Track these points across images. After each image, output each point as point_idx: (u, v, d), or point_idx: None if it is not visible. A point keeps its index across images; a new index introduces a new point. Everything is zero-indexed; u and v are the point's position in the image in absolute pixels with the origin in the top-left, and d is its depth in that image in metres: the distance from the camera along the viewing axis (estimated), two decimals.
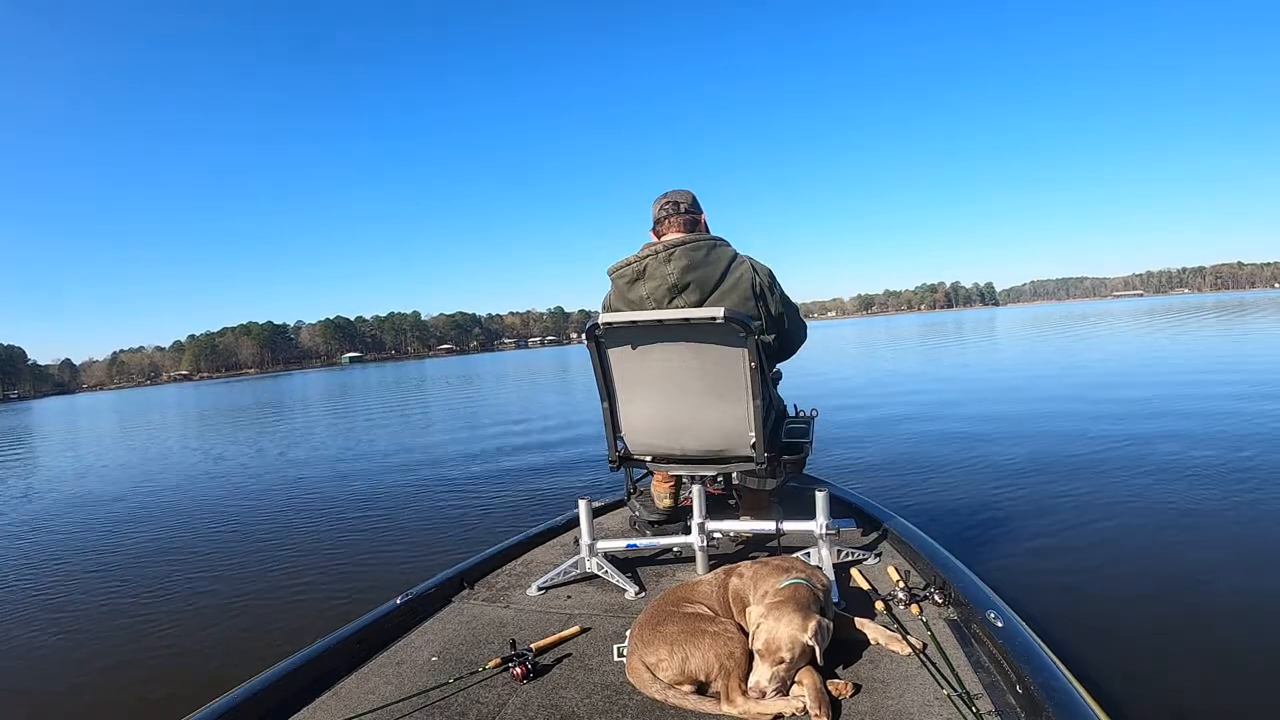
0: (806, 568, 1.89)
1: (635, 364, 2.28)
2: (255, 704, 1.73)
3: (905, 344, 29.88)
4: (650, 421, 2.35)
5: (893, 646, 1.79)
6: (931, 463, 5.98)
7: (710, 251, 2.34)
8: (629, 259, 2.40)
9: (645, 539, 2.59)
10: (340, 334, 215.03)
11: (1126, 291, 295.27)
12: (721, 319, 2.06)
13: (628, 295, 2.40)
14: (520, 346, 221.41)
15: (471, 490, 6.56)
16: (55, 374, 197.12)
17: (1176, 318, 35.51)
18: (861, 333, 55.86)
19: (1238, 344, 16.39)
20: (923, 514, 4.33)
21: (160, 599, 4.24)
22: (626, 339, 2.24)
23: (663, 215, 2.47)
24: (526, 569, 2.67)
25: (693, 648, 1.66)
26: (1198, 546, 3.57)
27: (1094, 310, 76.66)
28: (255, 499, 7.20)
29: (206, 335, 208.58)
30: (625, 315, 2.22)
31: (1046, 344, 22.28)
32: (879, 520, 2.75)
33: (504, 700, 1.72)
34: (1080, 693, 1.52)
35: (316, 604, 3.89)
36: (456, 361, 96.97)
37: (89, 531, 6.43)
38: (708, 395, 2.24)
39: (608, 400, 2.35)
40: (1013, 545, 3.80)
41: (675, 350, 2.20)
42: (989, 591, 2.02)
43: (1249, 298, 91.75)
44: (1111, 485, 4.76)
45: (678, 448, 2.36)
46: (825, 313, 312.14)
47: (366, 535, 5.29)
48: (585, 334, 2.24)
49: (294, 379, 76.82)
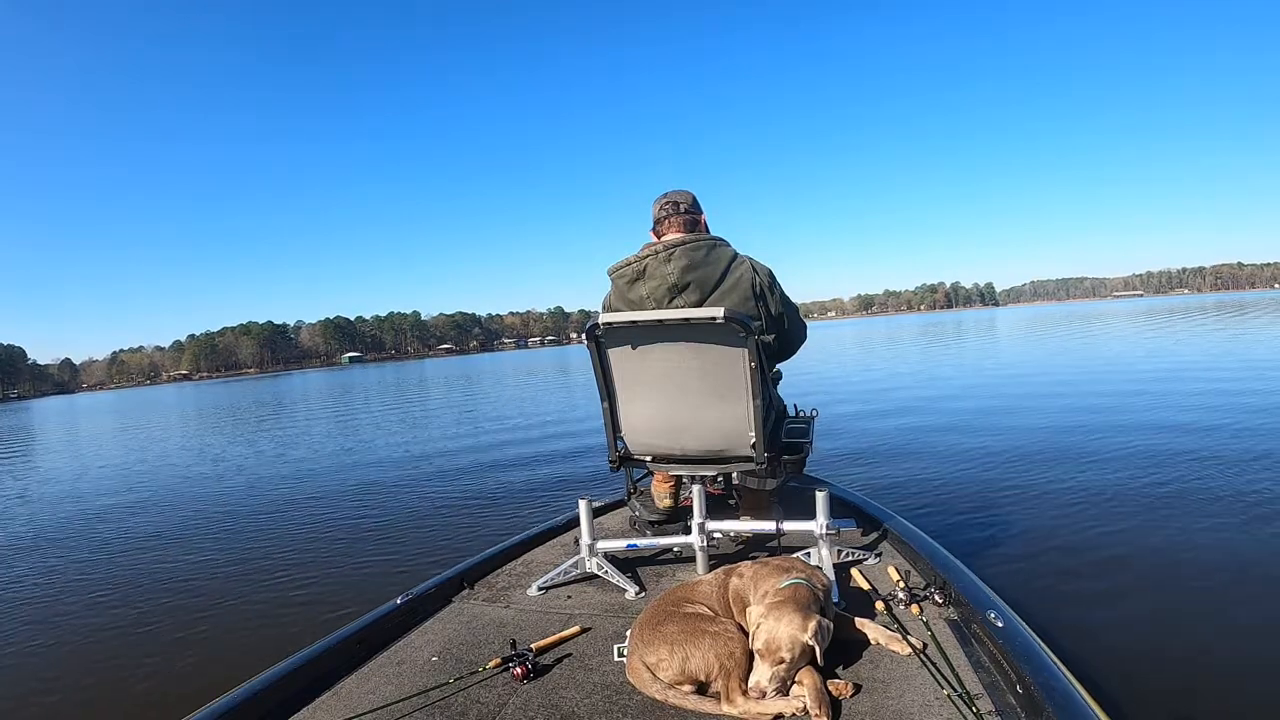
0: (806, 568, 1.89)
1: (635, 364, 2.27)
2: (255, 704, 1.73)
3: (905, 344, 29.87)
4: (650, 421, 2.35)
5: (893, 646, 1.79)
6: (932, 462, 5.98)
7: (710, 251, 2.34)
8: (629, 259, 2.40)
9: (645, 539, 2.59)
10: (340, 334, 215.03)
11: (1126, 292, 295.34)
12: (722, 319, 2.06)
13: (628, 295, 2.40)
14: (520, 346, 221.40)
15: (471, 490, 6.56)
16: (55, 373, 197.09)
17: (1177, 318, 35.51)
18: (861, 333, 55.85)
19: (1242, 344, 16.38)
20: (923, 514, 4.34)
21: (159, 599, 4.24)
22: (626, 339, 2.24)
23: (663, 215, 2.47)
24: (526, 569, 2.67)
25: (693, 648, 1.66)
26: (1199, 547, 3.57)
27: (1094, 310, 76.68)
28: (255, 499, 7.20)
29: (206, 335, 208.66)
30: (625, 315, 2.21)
31: (1046, 344, 22.28)
32: (879, 520, 2.76)
33: (504, 700, 1.72)
34: (1080, 693, 1.52)
35: (316, 604, 3.89)
36: (456, 361, 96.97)
37: (89, 531, 6.43)
38: (708, 395, 2.24)
39: (608, 400, 2.35)
40: (1013, 545, 3.80)
41: (675, 350, 2.20)
42: (989, 591, 2.02)
43: (1249, 298, 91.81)
44: (1112, 485, 4.76)
45: (678, 448, 2.36)
46: (825, 313, 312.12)
47: (366, 535, 5.29)
48: (585, 334, 2.23)
49: (294, 379, 76.83)
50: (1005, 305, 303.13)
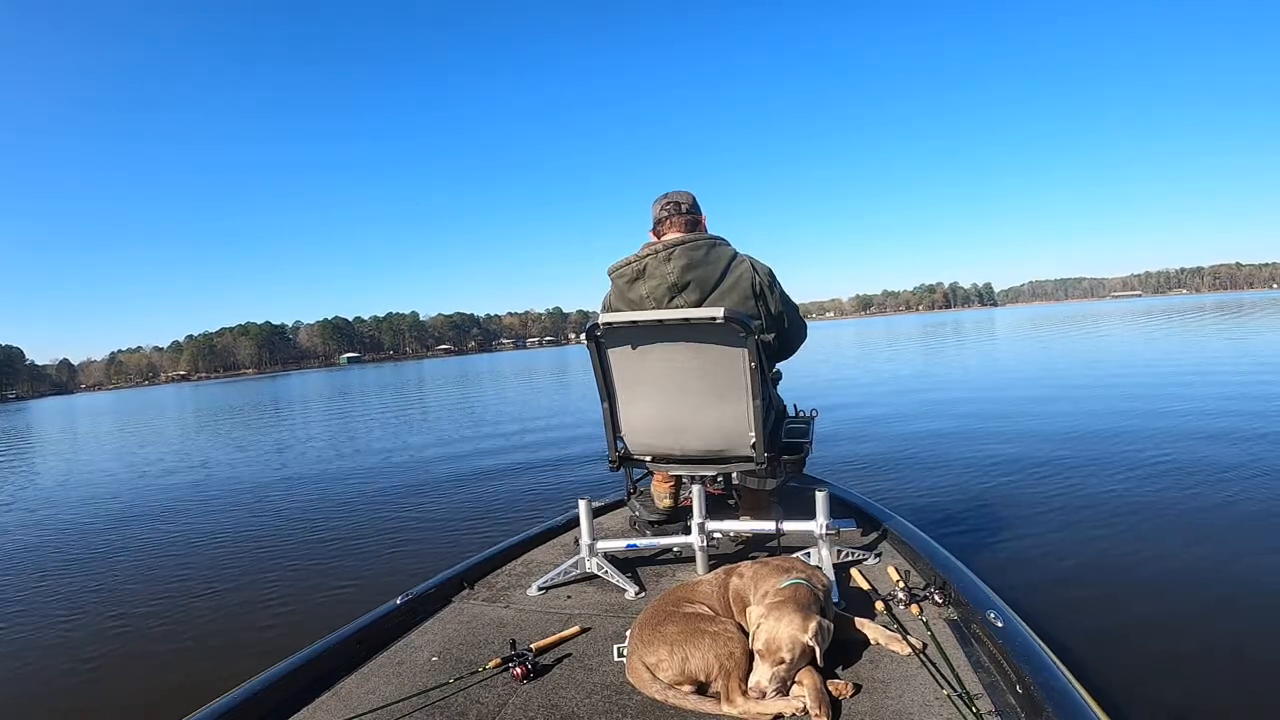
0: (807, 568, 1.89)
1: (635, 364, 2.28)
2: (255, 704, 1.73)
3: (905, 344, 29.88)
4: (650, 421, 2.35)
5: (893, 646, 1.80)
6: (932, 462, 5.99)
7: (710, 250, 2.34)
8: (629, 258, 2.40)
9: (645, 539, 2.59)
10: (338, 334, 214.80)
11: (1125, 292, 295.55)
12: (722, 319, 2.06)
13: (628, 295, 2.40)
14: (518, 347, 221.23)
15: (471, 490, 6.56)
16: (53, 374, 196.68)
17: (1176, 318, 35.54)
18: (860, 333, 55.87)
19: (1244, 344, 16.39)
20: (923, 514, 4.33)
21: (159, 599, 4.23)
22: (627, 339, 2.24)
23: (664, 215, 2.47)
24: (526, 569, 2.67)
25: (693, 648, 1.66)
26: (1199, 547, 3.57)
27: (1093, 311, 76.72)
28: (254, 500, 7.19)
29: (205, 335, 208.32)
30: (625, 315, 2.22)
31: (1046, 345, 22.30)
32: (879, 520, 2.76)
33: (504, 700, 1.72)
34: (1080, 693, 1.52)
35: (317, 604, 3.89)
36: (454, 362, 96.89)
37: (88, 532, 6.42)
38: (708, 395, 2.24)
39: (608, 401, 2.35)
40: (1013, 545, 3.80)
41: (675, 350, 2.21)
42: (989, 591, 2.02)
43: (1247, 298, 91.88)
44: (1113, 486, 4.76)
45: (678, 448, 2.36)
46: (824, 313, 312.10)
47: (366, 535, 5.28)
48: (585, 334, 2.23)
49: (292, 379, 76.73)
50: (1004, 305, 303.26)
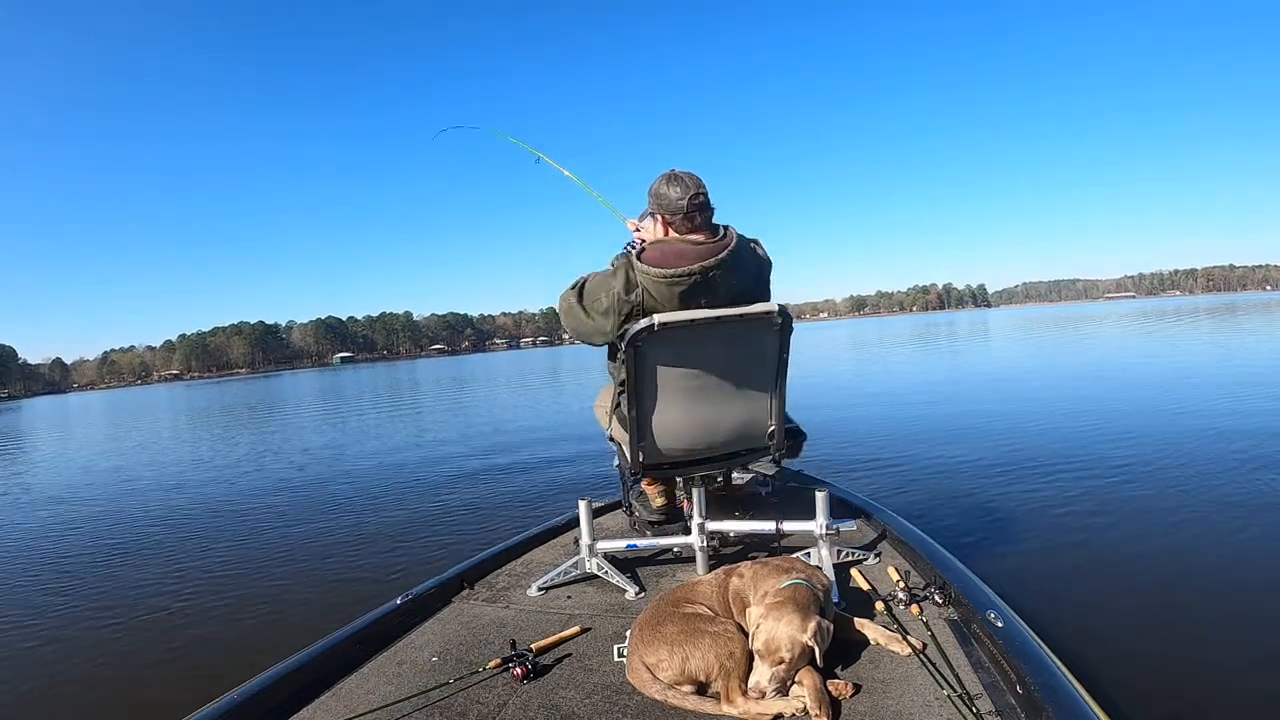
0: (807, 568, 1.89)
1: (677, 366, 2.13)
2: (255, 704, 1.72)
3: (901, 345, 29.94)
4: (683, 424, 2.21)
5: (893, 646, 1.80)
6: (932, 463, 5.99)
7: (752, 251, 2.22)
8: (681, 266, 2.05)
9: (645, 539, 2.59)
10: (332, 334, 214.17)
11: (1118, 293, 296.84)
12: (777, 315, 2.02)
13: (679, 305, 2.09)
14: (512, 347, 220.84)
15: (471, 490, 6.54)
16: (46, 373, 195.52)
17: (1170, 319, 35.71)
18: (855, 334, 55.96)
19: (1240, 345, 16.48)
20: (923, 514, 4.34)
21: (158, 600, 4.21)
22: (671, 340, 2.06)
23: (697, 205, 2.11)
24: (526, 569, 2.67)
25: (693, 648, 1.66)
26: (1199, 547, 3.59)
27: (1087, 312, 77.02)
28: (252, 500, 7.16)
29: (198, 335, 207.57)
30: (681, 315, 2.03)
31: (1043, 344, 22.37)
32: (879, 520, 2.76)
33: (504, 700, 1.72)
34: (1080, 693, 1.53)
35: (316, 604, 3.88)
36: (448, 362, 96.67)
37: (87, 533, 6.39)
38: (739, 390, 2.20)
39: (634, 408, 2.15)
40: (1013, 545, 3.81)
41: (719, 348, 2.13)
42: (989, 591, 2.02)
43: (1240, 300, 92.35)
44: (1112, 486, 4.78)
45: (705, 446, 2.27)
46: (817, 314, 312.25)
47: (366, 536, 5.26)
48: (625, 340, 2.03)
49: (285, 379, 76.46)
50: (997, 306, 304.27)
